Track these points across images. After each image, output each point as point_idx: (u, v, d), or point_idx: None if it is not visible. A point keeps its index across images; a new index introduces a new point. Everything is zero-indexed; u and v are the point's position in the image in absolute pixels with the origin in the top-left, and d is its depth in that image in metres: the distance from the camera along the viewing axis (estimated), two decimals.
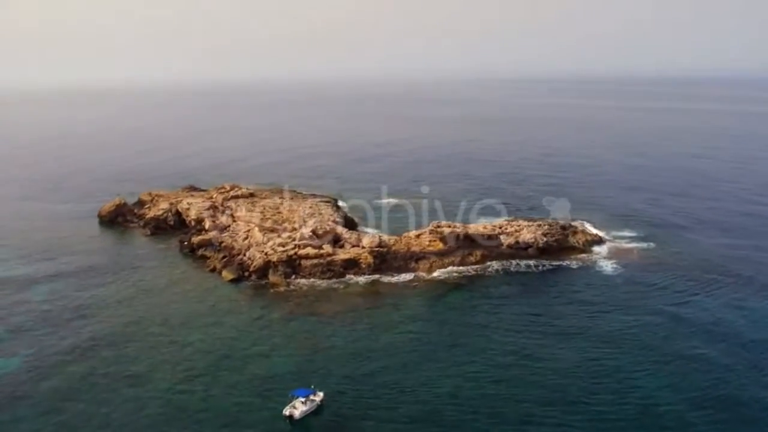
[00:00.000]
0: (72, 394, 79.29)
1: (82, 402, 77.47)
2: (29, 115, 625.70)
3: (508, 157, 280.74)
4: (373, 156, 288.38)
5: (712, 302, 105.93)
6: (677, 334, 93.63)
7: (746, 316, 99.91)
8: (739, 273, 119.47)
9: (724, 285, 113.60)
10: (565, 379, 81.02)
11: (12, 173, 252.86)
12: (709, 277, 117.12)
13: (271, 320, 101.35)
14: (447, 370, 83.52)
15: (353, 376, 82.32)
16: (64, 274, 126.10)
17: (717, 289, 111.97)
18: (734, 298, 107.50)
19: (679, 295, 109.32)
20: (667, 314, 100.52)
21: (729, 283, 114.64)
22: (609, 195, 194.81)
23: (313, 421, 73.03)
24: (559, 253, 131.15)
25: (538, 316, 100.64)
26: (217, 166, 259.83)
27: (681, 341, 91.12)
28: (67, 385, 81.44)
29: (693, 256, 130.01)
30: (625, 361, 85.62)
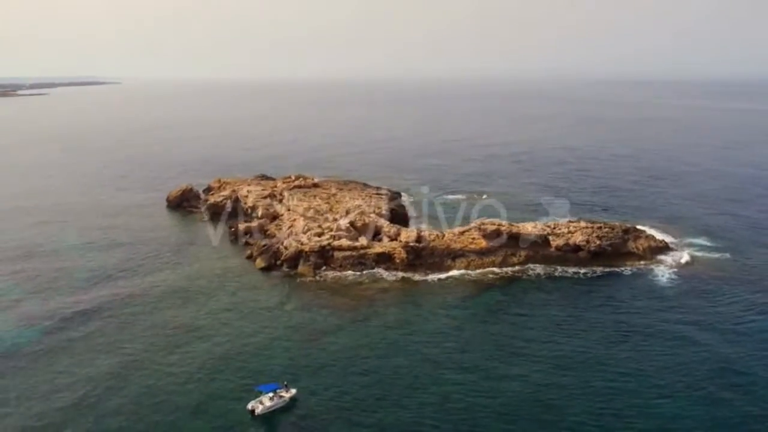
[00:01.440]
0: (54, 355, 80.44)
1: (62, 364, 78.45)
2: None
3: (600, 156, 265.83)
4: (463, 153, 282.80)
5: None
6: (719, 363, 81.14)
7: None
8: None
9: None
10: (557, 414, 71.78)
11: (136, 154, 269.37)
12: None
13: (284, 311, 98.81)
14: (441, 378, 77.05)
15: (340, 375, 77.75)
16: (110, 246, 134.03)
17: None
18: None
19: (740, 316, 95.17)
20: (716, 337, 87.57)
21: None
22: (696, 200, 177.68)
23: (280, 417, 69.35)
24: (614, 258, 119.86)
25: (554, 333, 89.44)
26: (304, 156, 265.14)
27: (720, 376, 78.65)
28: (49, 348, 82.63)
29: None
30: (644, 392, 73.91)
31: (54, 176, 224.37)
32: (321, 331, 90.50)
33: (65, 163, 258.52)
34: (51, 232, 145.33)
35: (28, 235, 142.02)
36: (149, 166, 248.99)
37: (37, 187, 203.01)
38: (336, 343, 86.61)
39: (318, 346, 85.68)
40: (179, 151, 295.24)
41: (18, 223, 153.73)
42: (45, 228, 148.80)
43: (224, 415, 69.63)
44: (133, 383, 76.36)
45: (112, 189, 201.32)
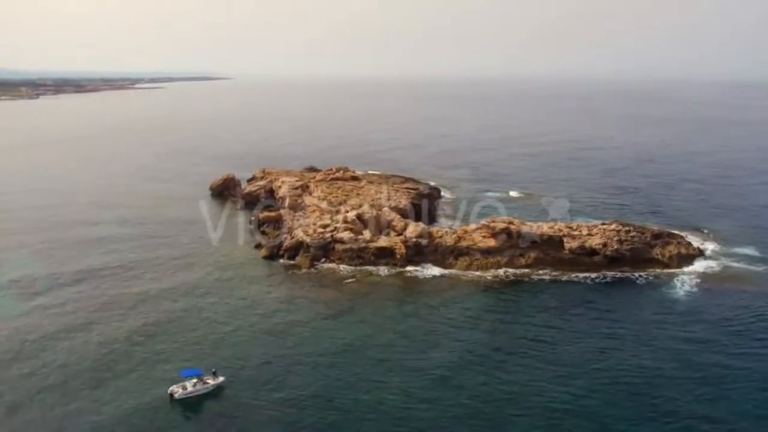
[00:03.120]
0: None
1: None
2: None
3: (674, 158, 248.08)
4: (529, 150, 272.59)
5: None
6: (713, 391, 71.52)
7: None
8: None
9: None
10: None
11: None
12: None
13: (264, 300, 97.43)
14: (383, 382, 72.90)
15: (285, 369, 75.11)
16: (135, 222, 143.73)
17: None
18: None
19: (747, 340, 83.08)
20: (712, 359, 77.33)
21: None
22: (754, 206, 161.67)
23: (199, 404, 68.23)
24: (633, 264, 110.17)
25: (523, 344, 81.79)
26: (369, 150, 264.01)
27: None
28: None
29: None
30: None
31: (129, 158, 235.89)
32: (290, 324, 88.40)
33: (140, 148, 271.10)
34: (99, 205, 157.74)
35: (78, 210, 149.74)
36: (225, 154, 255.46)
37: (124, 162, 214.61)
38: (298, 338, 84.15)
39: (279, 338, 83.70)
40: (254, 142, 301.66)
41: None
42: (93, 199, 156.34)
43: (147, 394, 69.57)
44: (61, 348, 79.76)
45: (177, 173, 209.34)
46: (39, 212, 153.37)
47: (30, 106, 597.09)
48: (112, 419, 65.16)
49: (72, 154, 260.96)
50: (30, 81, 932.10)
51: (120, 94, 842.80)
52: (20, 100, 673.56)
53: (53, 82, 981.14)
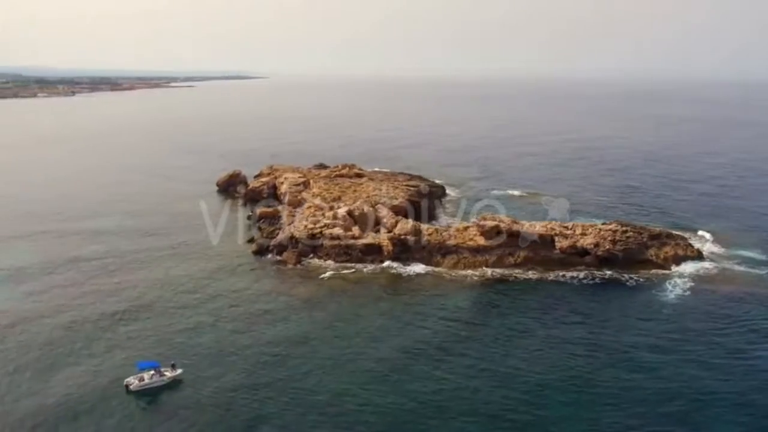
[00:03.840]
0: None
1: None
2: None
3: (690, 158, 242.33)
4: (542, 149, 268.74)
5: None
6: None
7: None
8: None
9: None
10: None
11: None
12: None
13: (243, 294, 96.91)
14: (341, 376, 71.99)
15: (246, 365, 74.19)
16: (137, 214, 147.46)
17: None
18: None
19: (733, 348, 78.86)
20: (686, 371, 73.31)
21: None
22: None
23: (154, 396, 67.98)
24: (626, 265, 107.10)
25: (489, 345, 78.96)
26: (384, 147, 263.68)
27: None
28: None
29: None
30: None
31: (143, 154, 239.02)
32: (260, 319, 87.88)
33: (156, 144, 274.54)
34: (106, 199, 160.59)
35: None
36: (240, 151, 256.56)
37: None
38: (266, 333, 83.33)
39: (246, 333, 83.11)
40: (272, 139, 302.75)
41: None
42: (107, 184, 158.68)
43: (104, 387, 69.57)
44: (24, 332, 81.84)
45: (187, 169, 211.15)
46: (44, 205, 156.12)
47: (64, 103, 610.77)
48: (60, 404, 65.58)
49: (92, 149, 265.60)
50: (68, 79, 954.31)
51: (152, 93, 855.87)
52: (56, 97, 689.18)
53: (90, 80, 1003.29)
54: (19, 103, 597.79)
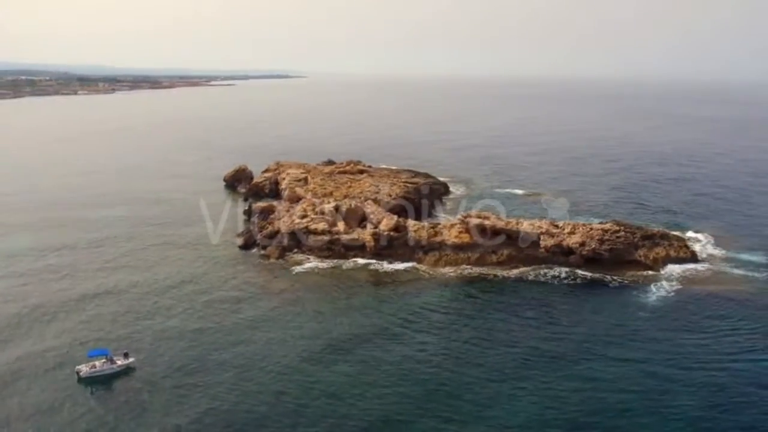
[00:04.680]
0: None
1: None
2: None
3: (710, 159, 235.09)
4: (560, 148, 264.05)
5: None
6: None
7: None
8: None
9: None
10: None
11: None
12: None
13: (215, 287, 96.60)
14: (289, 361, 71.92)
15: (207, 354, 74.19)
16: (141, 203, 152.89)
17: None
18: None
19: (708, 356, 74.72)
20: (654, 387, 69.50)
21: None
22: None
23: (113, 383, 68.66)
24: (612, 266, 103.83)
25: (445, 347, 76.69)
26: (399, 144, 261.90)
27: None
28: None
29: None
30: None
31: (161, 150, 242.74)
32: (225, 311, 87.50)
33: (176, 141, 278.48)
34: (116, 192, 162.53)
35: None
36: (257, 146, 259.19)
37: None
38: (228, 326, 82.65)
39: (209, 325, 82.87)
40: (293, 136, 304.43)
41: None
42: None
43: (57, 373, 70.29)
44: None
45: (199, 165, 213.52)
46: (49, 195, 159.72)
47: (102, 100, 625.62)
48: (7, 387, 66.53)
49: (118, 143, 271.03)
50: (110, 77, 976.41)
51: (190, 91, 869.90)
52: (96, 95, 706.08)
53: (133, 78, 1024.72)
54: (55, 99, 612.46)
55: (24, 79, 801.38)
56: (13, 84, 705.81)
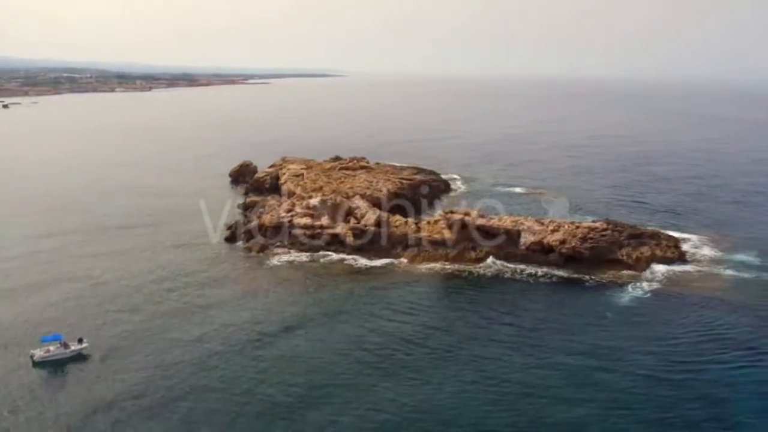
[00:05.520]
0: None
1: None
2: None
3: (722, 160, 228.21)
4: (572, 146, 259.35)
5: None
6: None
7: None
8: None
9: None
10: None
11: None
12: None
13: (188, 278, 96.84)
14: (246, 357, 71.61)
15: (166, 344, 74.36)
16: (144, 194, 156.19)
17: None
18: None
19: (669, 361, 71.21)
20: (610, 396, 67.59)
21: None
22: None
23: (68, 367, 69.87)
24: (592, 264, 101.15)
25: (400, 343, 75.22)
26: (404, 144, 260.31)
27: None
28: None
29: None
30: None
31: (176, 146, 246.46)
32: (192, 304, 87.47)
33: (195, 138, 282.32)
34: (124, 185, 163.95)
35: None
36: (274, 142, 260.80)
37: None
38: (192, 316, 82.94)
39: (172, 316, 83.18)
40: (314, 131, 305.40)
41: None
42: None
43: (13, 358, 71.62)
44: None
45: (211, 161, 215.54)
46: (55, 185, 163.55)
47: (138, 97, 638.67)
48: None
49: (136, 139, 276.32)
50: (148, 75, 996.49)
51: (226, 89, 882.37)
52: (133, 92, 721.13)
53: (171, 76, 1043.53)
54: (93, 96, 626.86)
55: (65, 76, 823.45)
56: (54, 81, 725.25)
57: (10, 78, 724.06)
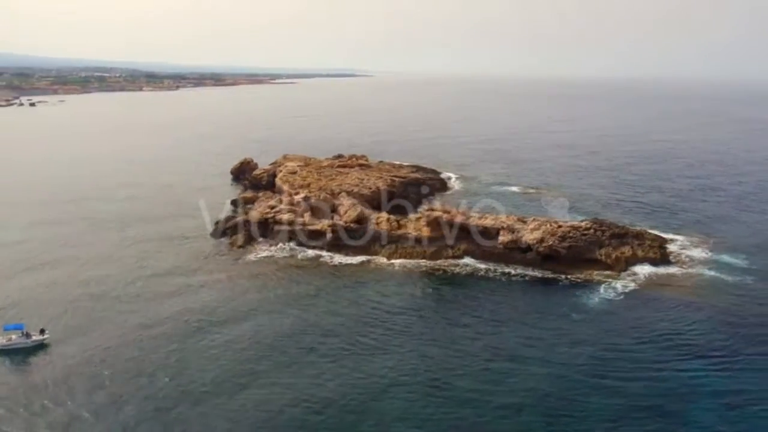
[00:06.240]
0: None
1: None
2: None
3: (729, 161, 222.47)
4: (578, 146, 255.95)
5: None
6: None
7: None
8: None
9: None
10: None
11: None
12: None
13: (164, 273, 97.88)
14: (204, 349, 72.54)
15: (130, 337, 75.40)
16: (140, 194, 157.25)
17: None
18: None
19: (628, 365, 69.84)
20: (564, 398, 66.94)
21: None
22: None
23: (29, 357, 71.51)
24: (569, 264, 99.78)
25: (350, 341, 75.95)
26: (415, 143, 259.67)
27: None
28: None
29: None
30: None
31: (188, 144, 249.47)
32: (161, 297, 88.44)
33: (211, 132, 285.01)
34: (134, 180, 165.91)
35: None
36: (288, 139, 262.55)
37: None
38: (160, 311, 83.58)
39: (141, 310, 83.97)
40: (328, 129, 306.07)
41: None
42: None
43: None
44: None
45: (218, 158, 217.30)
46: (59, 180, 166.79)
47: (164, 96, 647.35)
48: None
49: (149, 137, 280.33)
50: (177, 75, 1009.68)
51: (252, 88, 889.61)
52: (160, 91, 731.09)
53: (199, 76, 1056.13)
54: (119, 95, 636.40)
55: (96, 75, 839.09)
56: (84, 80, 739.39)
57: (41, 77, 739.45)
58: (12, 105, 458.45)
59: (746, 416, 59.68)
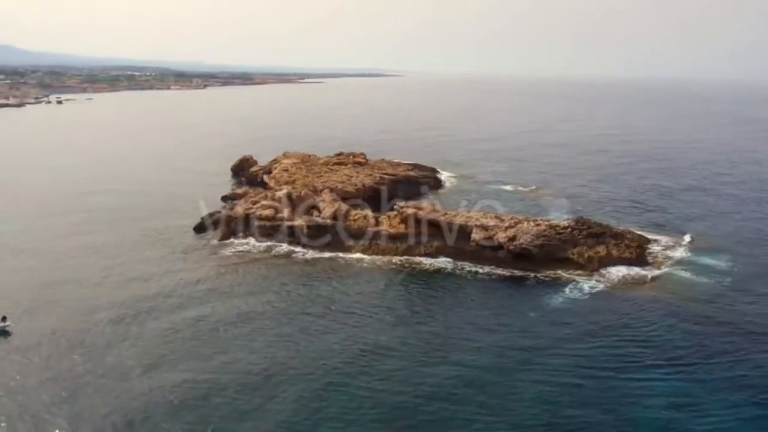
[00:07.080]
0: None
1: None
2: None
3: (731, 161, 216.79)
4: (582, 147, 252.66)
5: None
6: None
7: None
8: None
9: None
10: None
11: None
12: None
13: (138, 267, 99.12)
14: (162, 337, 73.57)
15: (93, 327, 76.34)
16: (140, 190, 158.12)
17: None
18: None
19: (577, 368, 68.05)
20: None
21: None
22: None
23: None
24: (541, 263, 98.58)
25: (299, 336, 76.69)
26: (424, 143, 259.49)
27: None
28: None
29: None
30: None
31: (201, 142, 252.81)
32: (129, 290, 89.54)
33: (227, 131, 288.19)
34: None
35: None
36: (299, 137, 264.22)
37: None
38: (122, 304, 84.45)
39: (107, 303, 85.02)
40: (345, 127, 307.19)
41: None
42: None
43: None
44: None
45: (223, 156, 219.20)
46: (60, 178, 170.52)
47: (190, 94, 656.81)
48: None
49: (161, 136, 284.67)
50: (207, 74, 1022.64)
51: (280, 87, 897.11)
52: (188, 90, 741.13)
53: (229, 75, 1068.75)
54: (147, 93, 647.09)
55: (126, 74, 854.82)
56: (113, 78, 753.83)
57: (73, 75, 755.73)
58: (40, 102, 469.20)
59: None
